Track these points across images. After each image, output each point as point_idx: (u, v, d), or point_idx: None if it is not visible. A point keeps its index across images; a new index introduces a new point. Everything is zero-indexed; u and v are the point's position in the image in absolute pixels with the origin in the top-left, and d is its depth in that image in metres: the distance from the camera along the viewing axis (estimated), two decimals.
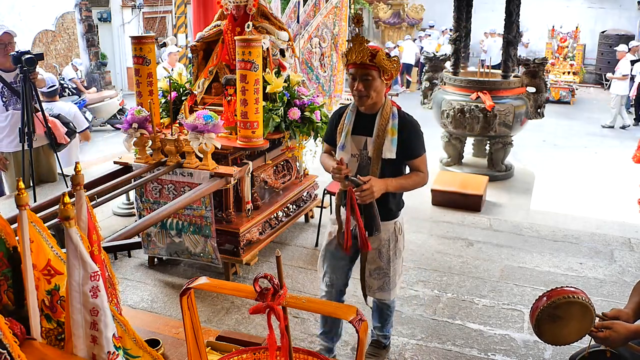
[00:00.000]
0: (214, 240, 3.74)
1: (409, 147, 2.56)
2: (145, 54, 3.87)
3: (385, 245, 2.71)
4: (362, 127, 2.58)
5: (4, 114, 4.80)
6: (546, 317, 1.90)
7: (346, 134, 2.59)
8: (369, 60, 2.40)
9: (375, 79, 2.45)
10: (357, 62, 2.42)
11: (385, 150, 2.50)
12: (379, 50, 2.40)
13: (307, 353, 1.44)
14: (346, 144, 2.58)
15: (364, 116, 2.59)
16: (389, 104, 2.57)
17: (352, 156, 2.59)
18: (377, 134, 2.53)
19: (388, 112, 2.54)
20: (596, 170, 8.21)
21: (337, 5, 5.17)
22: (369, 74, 2.44)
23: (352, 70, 2.48)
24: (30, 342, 1.28)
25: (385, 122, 2.52)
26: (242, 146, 3.76)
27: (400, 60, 2.59)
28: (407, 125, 2.55)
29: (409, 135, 2.54)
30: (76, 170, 1.33)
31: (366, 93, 2.47)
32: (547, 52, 14.49)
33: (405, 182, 2.60)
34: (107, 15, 14.25)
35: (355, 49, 2.41)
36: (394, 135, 2.50)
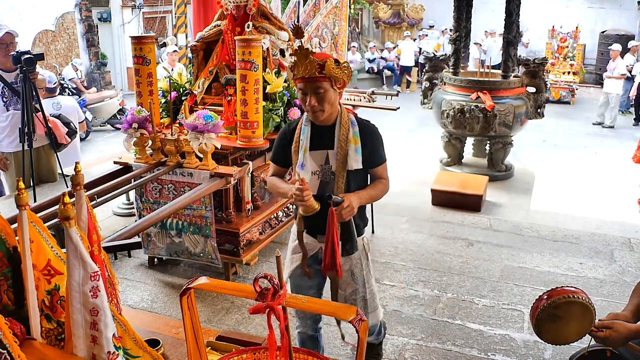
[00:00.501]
0: (214, 240, 3.74)
1: (373, 155, 2.43)
2: (145, 54, 3.87)
3: (358, 264, 2.53)
4: (320, 141, 2.40)
5: (4, 114, 4.80)
6: (546, 317, 1.90)
7: (304, 151, 2.38)
8: (317, 72, 2.23)
9: (327, 91, 2.28)
10: (306, 76, 2.24)
11: (351, 161, 2.35)
12: (327, 60, 2.23)
13: (307, 353, 1.44)
14: (305, 162, 2.38)
15: (321, 129, 2.40)
16: (345, 112, 2.41)
17: (313, 174, 2.40)
18: (339, 146, 2.36)
19: (347, 121, 2.38)
20: (596, 170, 8.21)
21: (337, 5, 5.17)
22: (320, 87, 2.26)
23: (300, 85, 2.29)
24: (30, 342, 1.28)
25: (346, 132, 2.36)
26: (242, 146, 3.76)
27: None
28: (368, 132, 2.42)
29: (372, 142, 2.42)
30: (76, 170, 1.33)
31: (320, 107, 2.29)
32: (547, 52, 14.48)
33: (374, 193, 2.45)
34: (107, 15, 14.25)
35: (302, 62, 2.22)
36: (357, 143, 2.36)
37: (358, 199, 2.32)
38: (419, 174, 7.27)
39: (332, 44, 5.25)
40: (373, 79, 15.59)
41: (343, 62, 2.30)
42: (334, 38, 5.27)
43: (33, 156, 4.78)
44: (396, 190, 6.61)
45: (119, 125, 7.68)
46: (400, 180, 7.10)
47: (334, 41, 5.27)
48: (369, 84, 14.20)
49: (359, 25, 18.58)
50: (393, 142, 9.82)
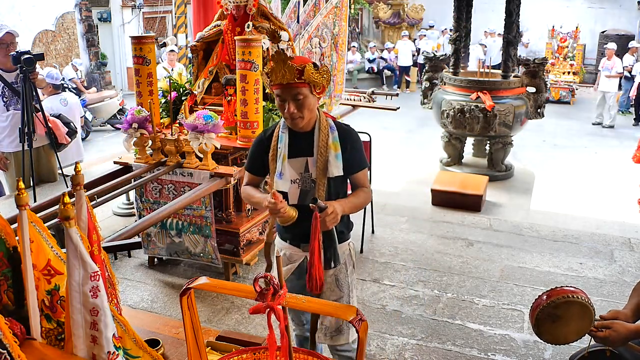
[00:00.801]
0: (214, 240, 3.74)
1: (354, 160, 2.31)
2: (145, 54, 3.87)
3: (343, 269, 2.41)
4: (298, 148, 2.29)
5: (4, 114, 4.81)
6: (546, 317, 1.90)
7: (282, 159, 2.27)
8: (297, 78, 2.12)
9: (307, 97, 2.16)
10: (284, 82, 2.12)
11: (332, 168, 2.24)
12: (306, 65, 2.12)
13: (307, 353, 1.44)
14: (284, 171, 2.27)
15: (299, 135, 2.28)
16: (323, 117, 2.31)
17: (292, 182, 2.29)
18: (319, 152, 2.25)
19: (326, 126, 2.28)
20: (596, 170, 8.21)
21: (337, 5, 5.17)
22: (299, 93, 2.14)
23: (278, 91, 2.17)
24: (30, 342, 1.28)
25: (325, 138, 2.25)
26: (242, 146, 3.76)
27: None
28: (348, 137, 2.30)
29: (352, 147, 2.30)
30: (76, 170, 1.33)
31: (300, 114, 2.18)
32: (547, 52, 14.49)
33: (357, 202, 2.33)
34: (107, 15, 14.25)
35: (280, 68, 2.11)
36: (337, 150, 2.25)
37: (341, 208, 2.19)
38: (419, 174, 7.28)
39: (332, 44, 5.25)
40: (373, 79, 15.60)
41: (322, 67, 2.20)
42: (334, 38, 5.26)
43: (33, 156, 4.78)
44: (396, 190, 6.62)
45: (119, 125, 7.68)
46: (400, 180, 7.11)
47: (334, 41, 5.27)
48: (369, 84, 14.20)
49: (359, 25, 18.58)
50: (393, 142, 9.86)
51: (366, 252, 4.52)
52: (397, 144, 9.79)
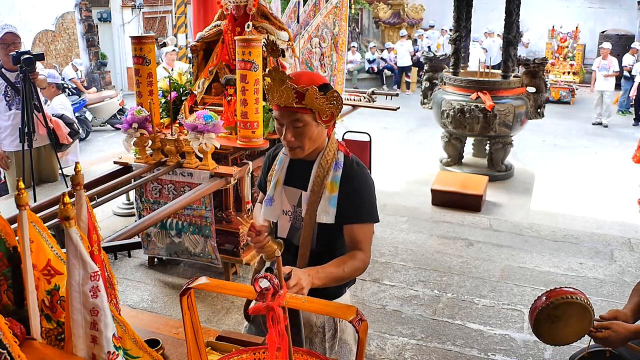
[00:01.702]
0: (213, 240, 3.74)
1: (353, 209, 1.86)
2: (145, 54, 3.87)
3: (319, 333, 1.99)
4: (297, 176, 1.93)
5: (7, 113, 4.84)
6: (545, 318, 1.90)
7: (276, 184, 1.95)
8: (295, 103, 1.75)
9: (308, 125, 1.79)
10: (281, 104, 1.77)
11: (321, 212, 1.85)
12: (308, 88, 1.73)
13: (307, 353, 1.44)
14: (275, 198, 1.94)
15: (300, 163, 1.92)
16: (332, 149, 1.90)
17: (284, 213, 1.95)
18: (312, 189, 1.87)
19: (329, 160, 1.88)
20: (596, 170, 8.21)
21: (337, 5, 5.17)
22: (298, 120, 1.78)
23: (276, 113, 1.83)
24: (30, 342, 1.28)
25: (323, 174, 1.87)
26: (242, 146, 3.76)
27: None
28: (353, 180, 1.88)
29: (354, 192, 1.87)
30: (76, 170, 1.33)
31: (299, 143, 1.82)
32: (547, 52, 14.48)
33: (337, 273, 1.81)
34: (107, 15, 14.25)
35: (276, 88, 1.75)
36: (334, 192, 1.85)
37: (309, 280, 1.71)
38: (419, 174, 7.28)
39: (332, 44, 5.25)
40: (373, 79, 15.59)
41: (331, 90, 1.80)
42: (334, 38, 5.26)
43: (34, 156, 4.79)
44: (396, 190, 6.62)
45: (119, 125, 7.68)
46: (400, 180, 7.11)
47: (334, 41, 5.27)
48: (369, 84, 14.20)
49: (359, 25, 18.57)
50: (393, 142, 9.86)
51: None
52: (397, 144, 9.79)
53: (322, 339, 2.01)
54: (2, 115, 4.87)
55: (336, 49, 5.31)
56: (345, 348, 2.03)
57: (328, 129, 1.89)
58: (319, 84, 1.79)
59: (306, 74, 1.88)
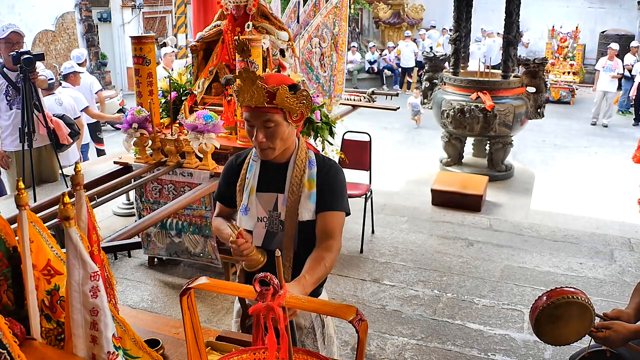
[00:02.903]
0: (213, 240, 3.74)
1: (327, 198, 1.91)
2: (145, 54, 3.87)
3: (310, 334, 2.06)
4: (269, 181, 1.95)
5: (8, 113, 4.85)
6: (546, 318, 1.90)
7: (249, 192, 1.94)
8: (266, 102, 1.77)
9: (279, 125, 1.81)
10: (252, 105, 1.79)
11: (302, 210, 1.88)
12: (278, 87, 1.77)
13: (307, 353, 1.44)
14: (250, 206, 1.93)
15: (272, 167, 1.94)
16: (303, 148, 1.95)
17: (260, 220, 1.94)
18: (290, 190, 1.90)
19: (303, 160, 1.93)
20: (596, 170, 8.21)
21: (337, 5, 5.17)
22: (270, 120, 1.80)
23: (247, 114, 1.83)
24: (30, 342, 1.28)
25: (300, 173, 1.91)
26: (242, 146, 3.76)
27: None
28: (328, 173, 1.94)
29: (330, 184, 1.92)
30: (76, 170, 1.33)
31: (270, 144, 1.84)
32: (547, 52, 14.48)
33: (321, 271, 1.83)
34: (107, 15, 14.25)
35: (248, 88, 1.77)
36: (312, 189, 1.89)
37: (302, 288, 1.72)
38: (419, 174, 7.28)
39: (332, 44, 5.25)
40: (373, 79, 15.59)
41: (302, 90, 1.83)
42: (334, 38, 5.26)
43: (35, 156, 4.79)
44: (396, 190, 6.62)
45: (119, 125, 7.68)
46: (400, 180, 7.11)
47: (334, 41, 5.27)
48: (369, 84, 14.20)
49: (359, 25, 18.57)
50: (393, 142, 9.86)
51: (366, 252, 4.52)
52: (397, 144, 9.79)
53: (314, 339, 2.05)
54: (3, 114, 4.88)
55: (336, 49, 5.31)
56: (330, 342, 2.10)
57: (297, 129, 1.92)
58: (288, 84, 1.82)
59: (275, 76, 1.90)
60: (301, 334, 2.04)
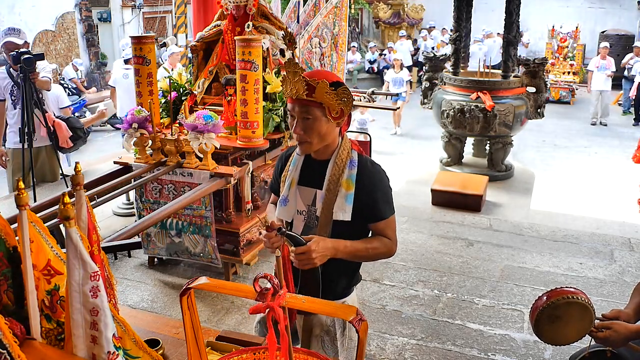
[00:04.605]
0: (213, 240, 3.74)
1: (371, 207, 1.93)
2: (145, 54, 3.87)
3: (331, 331, 2.04)
4: (311, 176, 1.97)
5: (12, 112, 4.89)
6: (546, 318, 1.90)
7: (290, 184, 1.99)
8: (306, 95, 1.81)
9: (317, 120, 1.84)
10: (293, 96, 1.83)
11: (337, 210, 1.90)
12: (319, 81, 1.79)
13: (307, 353, 1.44)
14: (290, 198, 1.98)
15: (315, 162, 1.98)
16: (346, 148, 1.95)
17: (299, 213, 2.00)
18: (327, 188, 1.91)
19: (344, 159, 1.92)
20: (596, 170, 8.21)
21: (337, 5, 5.17)
22: (308, 112, 1.83)
23: (289, 105, 1.89)
24: (30, 342, 1.28)
25: (339, 172, 1.91)
26: (242, 146, 3.76)
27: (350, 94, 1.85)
28: (369, 177, 1.94)
29: (372, 190, 1.92)
30: (76, 170, 1.33)
31: (307, 137, 1.87)
32: (547, 52, 14.48)
33: (363, 248, 1.91)
34: (107, 15, 14.25)
35: (290, 79, 1.82)
36: (350, 189, 1.90)
37: (333, 249, 1.83)
38: (419, 174, 7.28)
39: (332, 44, 5.25)
40: (373, 79, 15.59)
41: (343, 87, 1.85)
42: (334, 38, 5.26)
43: (34, 156, 4.79)
44: (396, 190, 6.61)
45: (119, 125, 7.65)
46: (400, 180, 7.10)
47: (334, 41, 5.27)
48: (369, 84, 14.20)
49: (359, 25, 18.57)
50: (393, 142, 9.85)
51: None
52: (397, 144, 9.79)
53: (334, 337, 2.05)
54: (8, 113, 4.94)
55: (336, 49, 5.32)
56: (351, 344, 2.08)
57: (341, 127, 1.94)
58: (331, 80, 1.85)
59: (322, 72, 1.96)
60: (320, 329, 2.05)
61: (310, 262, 1.78)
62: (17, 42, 4.74)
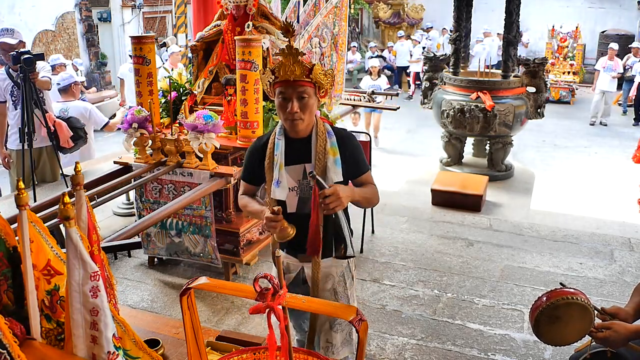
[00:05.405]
0: (213, 240, 3.74)
1: (355, 164, 2.26)
2: (145, 54, 3.87)
3: (341, 282, 2.36)
4: (295, 155, 2.21)
5: (13, 112, 4.89)
6: (546, 318, 1.90)
7: (279, 167, 2.19)
8: (305, 76, 2.07)
9: (311, 97, 2.11)
10: (291, 78, 2.06)
11: (331, 174, 2.16)
12: (314, 64, 2.09)
13: (307, 353, 1.44)
14: (281, 179, 2.19)
15: (295, 142, 2.21)
16: (320, 122, 2.24)
17: (291, 190, 2.21)
18: (317, 158, 2.17)
19: (324, 132, 2.21)
20: (596, 170, 8.21)
21: (337, 5, 5.16)
22: (304, 92, 2.08)
23: (282, 88, 2.10)
24: (30, 342, 1.28)
25: (323, 143, 2.18)
26: (242, 146, 3.76)
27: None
28: (346, 142, 2.24)
29: (351, 151, 2.24)
30: (76, 170, 1.33)
31: (302, 115, 2.11)
32: (547, 52, 14.48)
33: (366, 193, 2.26)
34: (107, 15, 14.24)
35: (289, 62, 2.05)
36: (336, 154, 2.18)
37: (351, 192, 2.14)
38: (419, 174, 7.27)
39: (332, 44, 5.25)
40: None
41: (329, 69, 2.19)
42: (334, 38, 5.26)
43: (35, 156, 4.79)
44: (396, 190, 6.62)
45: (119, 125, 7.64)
46: (400, 180, 7.10)
47: (334, 41, 5.26)
48: None
49: (359, 25, 18.58)
50: (393, 142, 9.85)
51: (366, 252, 4.52)
52: (397, 144, 9.79)
53: (345, 286, 2.35)
54: (9, 113, 4.94)
55: (336, 49, 5.31)
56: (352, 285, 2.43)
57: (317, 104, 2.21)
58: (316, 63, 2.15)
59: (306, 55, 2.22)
60: (333, 282, 2.33)
61: (339, 202, 2.02)
62: (11, 42, 4.75)
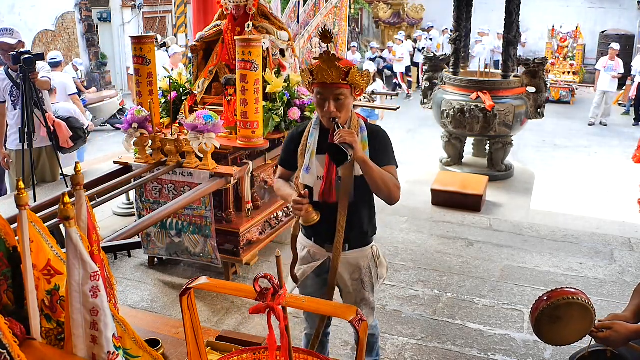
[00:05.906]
0: (213, 240, 3.74)
1: (381, 156, 2.33)
2: (145, 54, 3.87)
3: (367, 273, 2.51)
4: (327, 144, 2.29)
5: (12, 112, 4.88)
6: (546, 318, 1.90)
7: (311, 154, 2.33)
8: (342, 79, 2.20)
9: (347, 98, 2.25)
10: (329, 82, 2.20)
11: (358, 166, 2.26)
12: (351, 67, 2.21)
13: (307, 353, 1.44)
14: (311, 166, 2.33)
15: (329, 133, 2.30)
16: (355, 117, 2.37)
17: (318, 178, 2.33)
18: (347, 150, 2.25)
19: (356, 126, 2.34)
20: (596, 170, 8.21)
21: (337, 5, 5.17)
22: (341, 94, 2.23)
23: (320, 89, 2.24)
24: (30, 342, 1.28)
25: None
26: (242, 146, 3.76)
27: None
28: (377, 137, 2.37)
29: (380, 146, 2.36)
30: (76, 170, 1.33)
31: (337, 114, 2.25)
32: (547, 52, 14.49)
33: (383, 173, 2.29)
34: (107, 15, 14.25)
35: (327, 67, 2.18)
36: (365, 148, 2.30)
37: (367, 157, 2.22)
38: (419, 174, 7.27)
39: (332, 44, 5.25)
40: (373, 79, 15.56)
41: (365, 71, 2.30)
42: (334, 38, 5.26)
43: (35, 156, 4.79)
44: None
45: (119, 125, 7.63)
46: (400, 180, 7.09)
47: (334, 41, 5.27)
48: None
49: (359, 25, 18.57)
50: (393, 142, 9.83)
51: None
52: (397, 144, 9.75)
53: (370, 276, 2.51)
54: (9, 114, 4.94)
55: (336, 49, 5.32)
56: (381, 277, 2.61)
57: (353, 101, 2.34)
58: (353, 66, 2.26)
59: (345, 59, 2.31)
60: (360, 273, 2.48)
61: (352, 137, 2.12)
62: (10, 42, 4.75)
